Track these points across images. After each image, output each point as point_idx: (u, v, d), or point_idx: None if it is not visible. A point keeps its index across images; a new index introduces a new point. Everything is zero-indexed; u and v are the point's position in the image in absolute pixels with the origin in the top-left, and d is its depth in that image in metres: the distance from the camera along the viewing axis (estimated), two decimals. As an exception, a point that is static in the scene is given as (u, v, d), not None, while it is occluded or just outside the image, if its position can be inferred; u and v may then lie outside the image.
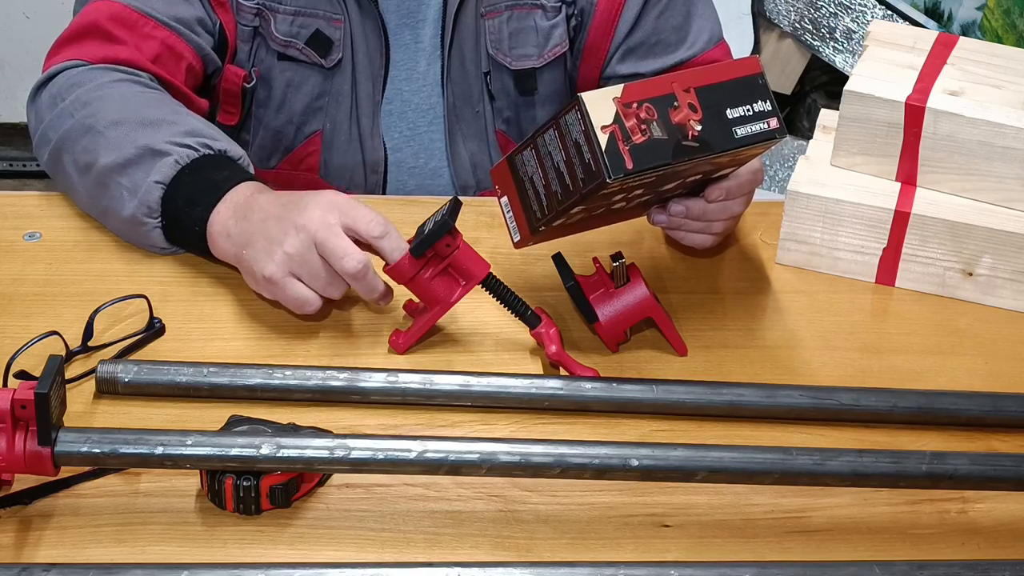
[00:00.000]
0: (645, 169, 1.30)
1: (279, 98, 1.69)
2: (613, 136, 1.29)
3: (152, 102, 1.52)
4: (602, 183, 1.29)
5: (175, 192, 1.43)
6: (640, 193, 1.38)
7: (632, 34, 1.73)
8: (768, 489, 1.26)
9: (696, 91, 1.34)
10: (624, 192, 1.35)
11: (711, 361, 1.43)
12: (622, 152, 1.29)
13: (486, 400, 1.34)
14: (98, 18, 1.57)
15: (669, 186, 1.40)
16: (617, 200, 1.38)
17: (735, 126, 1.35)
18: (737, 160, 1.41)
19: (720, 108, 1.35)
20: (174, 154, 1.44)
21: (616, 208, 1.41)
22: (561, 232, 1.43)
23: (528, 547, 1.20)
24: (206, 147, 1.45)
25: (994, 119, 1.50)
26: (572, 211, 1.34)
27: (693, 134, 1.32)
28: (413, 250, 1.36)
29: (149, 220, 1.45)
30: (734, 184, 1.46)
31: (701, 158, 1.33)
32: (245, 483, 1.19)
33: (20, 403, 1.14)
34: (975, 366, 1.46)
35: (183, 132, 1.46)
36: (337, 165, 1.72)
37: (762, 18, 3.03)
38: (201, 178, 1.43)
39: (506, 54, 1.71)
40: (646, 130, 1.31)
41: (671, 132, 1.32)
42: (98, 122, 1.48)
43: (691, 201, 1.46)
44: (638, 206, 1.45)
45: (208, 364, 1.34)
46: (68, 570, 1.11)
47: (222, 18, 1.63)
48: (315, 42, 1.66)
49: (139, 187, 1.44)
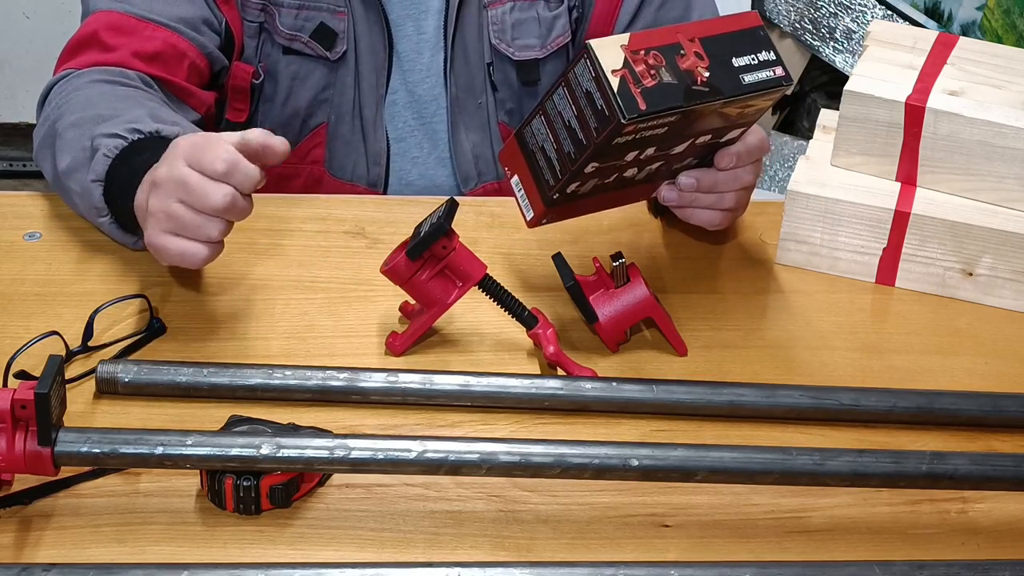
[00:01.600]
0: (659, 111, 1.30)
1: (285, 92, 1.70)
2: (624, 80, 1.30)
3: (116, 98, 1.51)
4: (617, 126, 1.29)
5: (112, 186, 1.43)
6: (652, 156, 1.38)
7: (632, 26, 1.73)
8: (768, 489, 1.26)
9: (700, 41, 1.35)
10: (637, 150, 1.35)
11: (711, 361, 1.43)
12: (634, 94, 1.29)
13: (486, 400, 1.34)
14: (96, 28, 1.59)
15: (680, 148, 1.40)
16: (629, 163, 1.37)
17: (742, 73, 1.36)
18: (745, 115, 1.40)
19: (726, 56, 1.36)
20: (102, 148, 1.43)
21: (628, 177, 1.41)
22: (573, 211, 1.42)
23: (528, 547, 1.20)
24: (136, 132, 1.43)
25: (994, 119, 1.50)
26: (586, 170, 1.34)
27: (702, 79, 1.33)
28: (409, 252, 1.36)
29: (102, 219, 1.45)
30: (743, 149, 1.45)
31: (713, 103, 1.33)
32: (245, 483, 1.19)
33: (20, 403, 1.14)
34: (975, 366, 1.46)
35: (123, 122, 1.44)
36: (341, 157, 1.73)
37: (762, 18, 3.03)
38: (129, 166, 1.42)
39: (509, 45, 1.71)
40: (655, 75, 1.31)
41: (680, 77, 1.32)
42: (61, 125, 1.49)
43: (701, 172, 1.45)
44: (649, 180, 1.44)
45: (208, 364, 1.34)
46: (68, 570, 1.11)
47: (227, 16, 1.64)
48: (320, 35, 1.67)
49: (85, 189, 1.44)
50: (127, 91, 1.53)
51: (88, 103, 1.50)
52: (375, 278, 1.42)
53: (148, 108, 1.48)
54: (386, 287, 1.40)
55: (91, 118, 1.47)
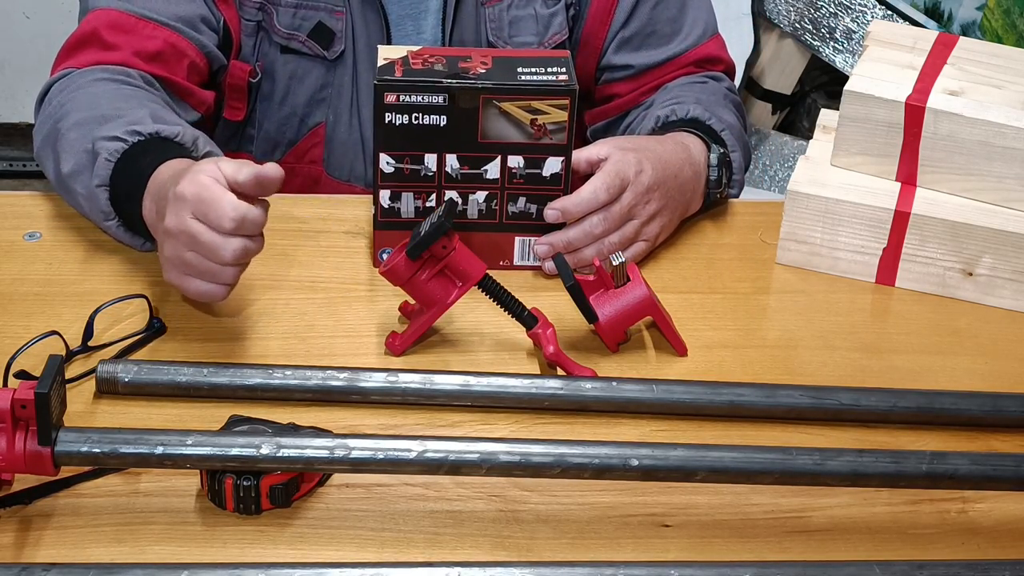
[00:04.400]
0: (415, 81, 1.40)
1: (282, 91, 1.70)
2: (392, 64, 1.43)
3: (119, 97, 1.51)
4: (378, 91, 1.40)
5: (117, 191, 1.44)
6: (463, 173, 1.45)
7: (627, 24, 1.73)
8: (768, 489, 1.26)
9: (493, 58, 1.44)
10: (429, 150, 1.43)
11: (711, 361, 1.43)
12: (396, 69, 1.41)
13: (486, 400, 1.34)
14: (96, 26, 1.59)
15: (491, 171, 1.45)
16: (443, 187, 1.45)
17: (521, 75, 1.43)
18: (542, 129, 1.44)
19: (512, 65, 1.44)
20: (103, 152, 1.43)
21: (459, 214, 1.47)
22: None
23: (528, 547, 1.20)
24: (136, 134, 1.44)
25: (994, 119, 1.50)
26: (383, 168, 1.44)
27: (475, 72, 1.40)
28: (409, 252, 1.36)
29: (109, 222, 1.46)
30: (570, 203, 1.48)
31: (482, 90, 1.40)
32: (245, 483, 1.19)
33: (20, 403, 1.14)
34: (975, 366, 1.46)
35: (124, 123, 1.45)
36: (339, 156, 1.73)
37: (762, 18, 3.03)
38: (133, 170, 1.42)
39: (506, 42, 1.71)
40: (427, 65, 1.42)
41: (452, 68, 1.42)
42: (64, 125, 1.49)
43: (551, 235, 1.50)
44: (492, 223, 1.49)
45: (208, 364, 1.34)
46: (68, 570, 1.11)
47: (225, 14, 1.64)
48: (317, 34, 1.67)
49: (90, 192, 1.45)
50: (131, 90, 1.54)
51: (92, 102, 1.50)
52: (375, 278, 1.42)
53: (150, 109, 1.49)
54: (386, 287, 1.40)
55: (94, 118, 1.47)
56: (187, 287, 1.34)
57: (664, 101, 1.69)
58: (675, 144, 1.58)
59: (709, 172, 1.60)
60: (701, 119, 1.63)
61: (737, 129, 1.67)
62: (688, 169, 1.57)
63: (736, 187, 1.67)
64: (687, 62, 1.75)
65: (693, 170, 1.58)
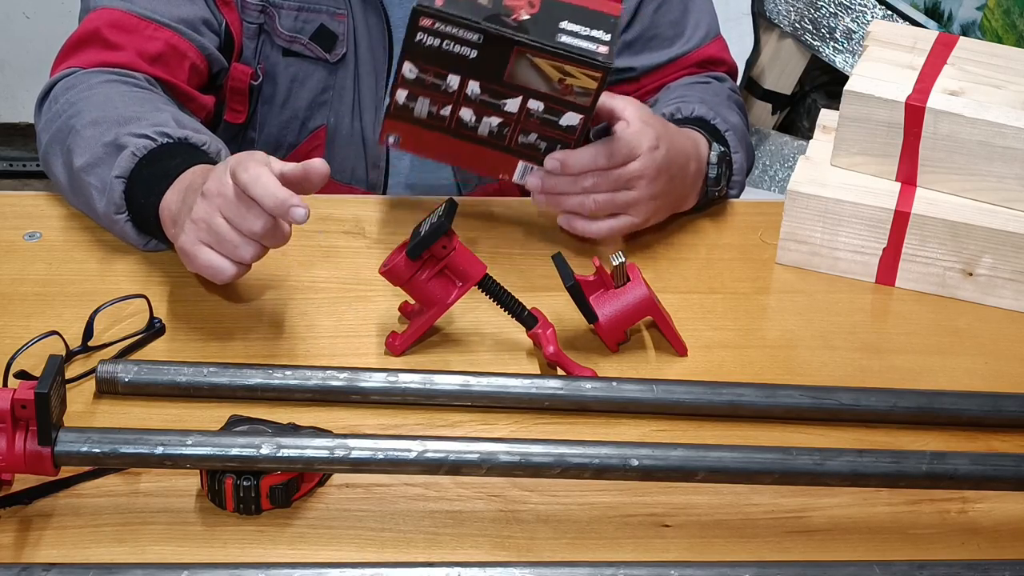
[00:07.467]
0: (453, 16, 1.36)
1: (284, 94, 1.70)
2: None
3: (134, 100, 1.52)
4: (414, 15, 1.36)
5: (135, 185, 1.44)
6: (481, 100, 1.42)
7: (629, 28, 1.73)
8: (768, 489, 1.26)
9: (543, 1, 1.40)
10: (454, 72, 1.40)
11: (711, 361, 1.43)
12: None
13: (486, 400, 1.34)
14: (99, 25, 1.59)
15: (511, 106, 1.43)
16: (459, 99, 1.42)
17: (562, 33, 1.39)
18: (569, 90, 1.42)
19: (558, 16, 1.39)
20: (131, 146, 1.44)
21: (466, 123, 1.44)
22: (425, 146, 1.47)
23: (528, 547, 1.20)
24: (165, 136, 1.45)
25: (994, 119, 1.50)
26: (407, 75, 1.40)
27: (517, 18, 1.37)
28: (409, 252, 1.36)
29: (119, 216, 1.46)
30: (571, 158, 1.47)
31: (516, 40, 1.37)
32: (245, 483, 1.19)
33: (20, 403, 1.14)
34: (975, 366, 1.46)
35: (149, 124, 1.46)
36: (340, 160, 1.73)
37: (762, 18, 3.03)
38: (158, 167, 1.43)
39: None
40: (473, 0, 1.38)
41: (496, 6, 1.37)
42: (79, 122, 1.49)
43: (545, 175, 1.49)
44: (499, 143, 1.47)
45: (208, 364, 1.34)
46: (68, 570, 1.11)
47: (227, 17, 1.64)
48: (319, 37, 1.67)
49: (105, 184, 1.45)
50: (144, 94, 1.54)
51: (107, 103, 1.50)
52: (375, 278, 1.42)
53: (171, 112, 1.50)
54: (386, 287, 1.40)
55: (113, 118, 1.48)
56: (198, 256, 1.33)
57: (668, 100, 1.69)
58: (687, 138, 1.58)
59: (708, 170, 1.60)
60: (706, 118, 1.63)
61: (741, 130, 1.67)
62: (694, 164, 1.57)
63: (736, 188, 1.67)
64: (689, 63, 1.75)
65: (697, 166, 1.58)
